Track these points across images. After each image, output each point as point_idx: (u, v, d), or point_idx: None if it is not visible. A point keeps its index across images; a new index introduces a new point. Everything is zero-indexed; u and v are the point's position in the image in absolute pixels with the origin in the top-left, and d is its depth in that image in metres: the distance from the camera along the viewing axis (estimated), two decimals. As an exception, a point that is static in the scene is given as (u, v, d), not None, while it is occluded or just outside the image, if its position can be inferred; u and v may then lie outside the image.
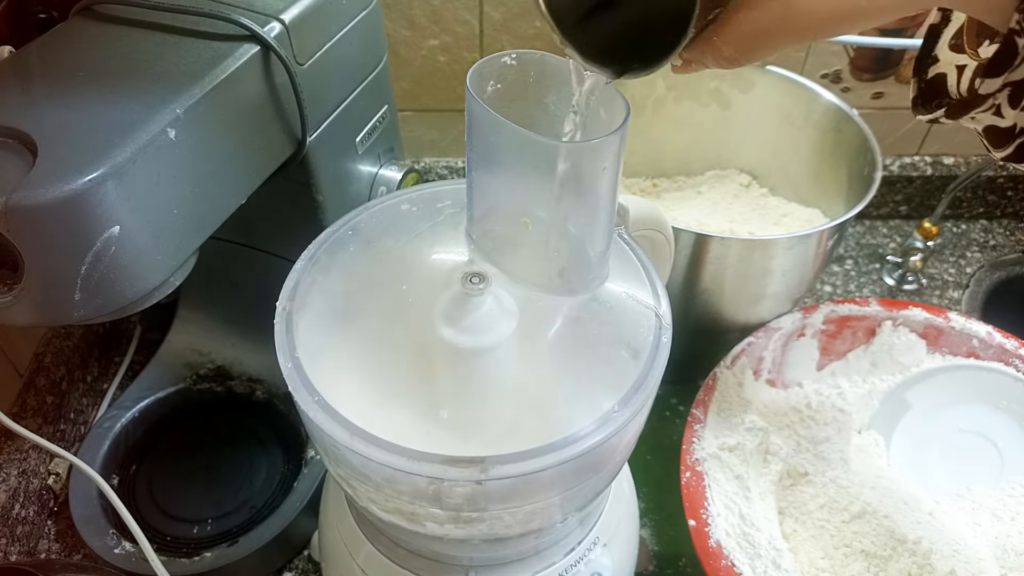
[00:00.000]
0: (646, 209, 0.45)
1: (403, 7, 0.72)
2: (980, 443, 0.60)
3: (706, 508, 0.54)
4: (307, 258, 0.40)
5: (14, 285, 0.38)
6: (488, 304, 0.37)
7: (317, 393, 0.34)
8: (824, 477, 0.58)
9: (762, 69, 0.70)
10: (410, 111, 0.80)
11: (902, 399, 0.63)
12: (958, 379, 0.63)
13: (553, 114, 0.36)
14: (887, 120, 0.84)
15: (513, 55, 0.34)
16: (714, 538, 0.53)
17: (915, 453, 0.60)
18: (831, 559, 0.55)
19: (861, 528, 0.55)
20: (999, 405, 0.61)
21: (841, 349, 0.67)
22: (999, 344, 0.64)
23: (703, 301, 0.62)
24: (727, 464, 0.58)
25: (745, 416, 0.61)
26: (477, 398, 0.37)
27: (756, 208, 0.73)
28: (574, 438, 0.33)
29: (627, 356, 0.36)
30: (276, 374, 0.35)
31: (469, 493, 0.34)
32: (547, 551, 0.44)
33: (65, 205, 0.35)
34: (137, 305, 0.41)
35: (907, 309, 0.66)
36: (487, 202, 0.37)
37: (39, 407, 0.64)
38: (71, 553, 0.60)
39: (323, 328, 0.38)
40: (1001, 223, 0.92)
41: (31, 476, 0.61)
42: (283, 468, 0.62)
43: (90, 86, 0.40)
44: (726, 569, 0.51)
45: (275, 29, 0.45)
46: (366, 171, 0.59)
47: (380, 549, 0.45)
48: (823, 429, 0.62)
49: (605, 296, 0.39)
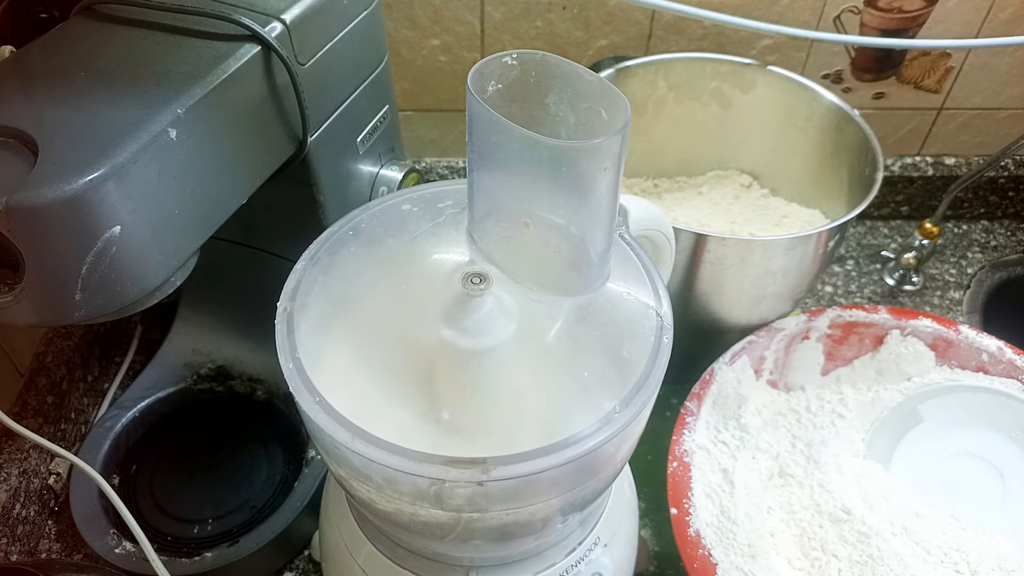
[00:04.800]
0: (647, 209, 0.45)
1: (404, 7, 0.72)
2: (985, 470, 0.58)
3: (688, 498, 0.54)
4: (308, 258, 0.40)
5: (15, 285, 0.38)
6: (489, 305, 0.37)
7: (318, 393, 0.33)
8: (812, 479, 0.58)
9: (763, 69, 0.70)
10: (411, 111, 0.80)
11: (914, 411, 0.61)
12: (975, 401, 0.61)
13: (554, 114, 0.36)
14: (888, 120, 0.84)
15: (514, 55, 0.34)
16: (694, 527, 0.53)
17: (916, 467, 0.59)
18: (808, 559, 0.55)
19: (841, 533, 0.55)
20: (1012, 435, 0.59)
21: (847, 355, 0.66)
22: (1009, 360, 0.63)
23: (703, 301, 0.62)
24: (714, 456, 0.58)
25: (740, 412, 0.61)
26: (478, 399, 0.37)
27: (757, 209, 0.73)
28: (575, 439, 0.33)
29: (628, 356, 0.36)
30: (277, 374, 0.35)
31: (470, 494, 0.34)
32: (548, 551, 0.44)
33: (66, 205, 0.35)
34: (138, 305, 0.41)
35: (917, 319, 0.65)
36: (488, 202, 0.37)
37: (40, 407, 0.64)
38: (72, 553, 0.60)
39: (324, 328, 0.37)
40: (1002, 224, 0.92)
41: (32, 476, 0.61)
42: (284, 468, 0.62)
43: (91, 86, 0.40)
44: (702, 558, 0.52)
45: (276, 29, 0.45)
46: (367, 171, 0.59)
47: (380, 549, 0.45)
48: (819, 432, 0.62)
49: (606, 296, 0.39)
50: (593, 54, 0.77)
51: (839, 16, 0.75)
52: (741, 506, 0.56)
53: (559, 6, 0.73)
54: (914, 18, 0.76)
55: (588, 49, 0.77)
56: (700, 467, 0.57)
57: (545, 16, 0.74)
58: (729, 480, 0.58)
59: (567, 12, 0.74)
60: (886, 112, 0.83)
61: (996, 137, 0.86)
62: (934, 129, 0.86)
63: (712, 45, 0.76)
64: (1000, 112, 0.84)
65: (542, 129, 0.35)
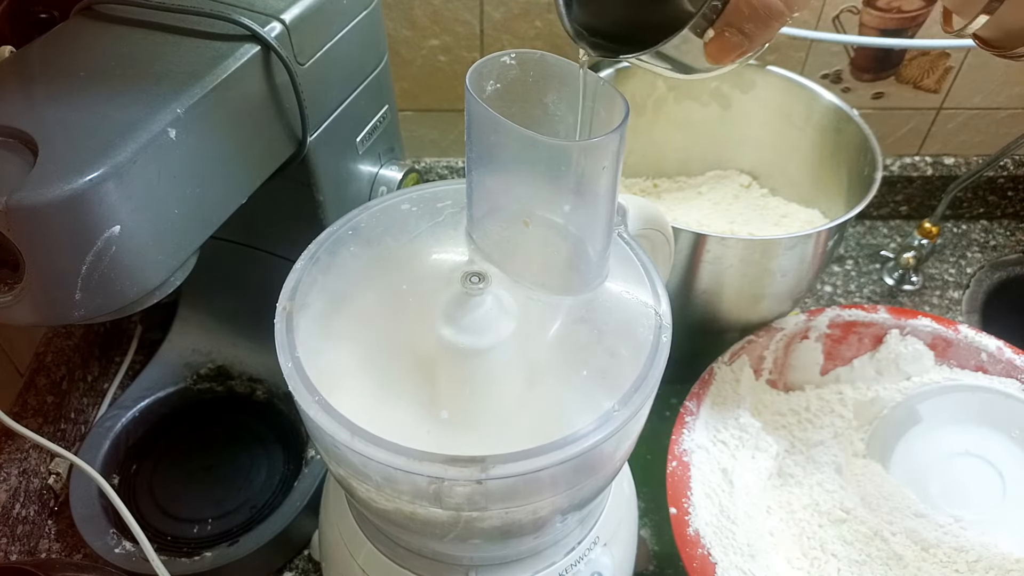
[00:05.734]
0: (646, 209, 0.45)
1: (404, 7, 0.73)
2: (984, 470, 0.58)
3: (688, 497, 0.54)
4: (307, 258, 0.40)
5: (15, 285, 0.38)
6: (488, 304, 0.37)
7: (317, 393, 0.34)
8: (812, 479, 0.58)
9: (763, 69, 0.70)
10: (411, 111, 0.80)
11: (913, 410, 0.61)
12: (974, 400, 0.61)
13: (553, 114, 0.36)
14: (887, 120, 0.84)
15: (513, 55, 0.35)
16: (693, 527, 0.53)
17: (915, 467, 0.59)
18: (807, 558, 0.55)
19: (840, 532, 0.55)
20: (1012, 434, 0.59)
21: (847, 355, 0.66)
22: (1008, 359, 0.63)
23: (703, 301, 0.62)
24: (714, 456, 0.59)
25: (739, 412, 0.61)
26: (477, 397, 0.37)
27: (756, 208, 0.73)
28: (574, 437, 0.33)
29: (627, 355, 0.36)
30: (276, 374, 0.35)
31: (469, 492, 0.34)
32: (547, 551, 0.44)
33: (66, 205, 0.35)
34: (138, 305, 0.41)
35: (916, 318, 0.65)
36: (487, 202, 0.37)
37: (40, 407, 0.64)
38: (72, 553, 0.60)
39: (323, 328, 0.38)
40: (1001, 223, 0.92)
41: (32, 476, 0.61)
42: (283, 468, 0.62)
43: (91, 86, 0.41)
44: (702, 558, 0.52)
45: (276, 29, 0.46)
46: (366, 171, 0.59)
47: (380, 549, 0.45)
48: (819, 432, 0.62)
49: (605, 295, 0.39)
50: (593, 54, 0.77)
51: (838, 16, 0.75)
52: (740, 505, 0.56)
53: (558, 6, 0.73)
54: (913, 18, 0.76)
55: (587, 49, 0.77)
56: (699, 467, 0.57)
57: (545, 16, 0.74)
58: (728, 480, 0.58)
59: (566, 12, 0.74)
60: (885, 112, 0.84)
61: (995, 137, 0.86)
62: (933, 129, 0.86)
63: (711, 45, 0.76)
64: (999, 112, 0.84)
65: (541, 129, 0.35)
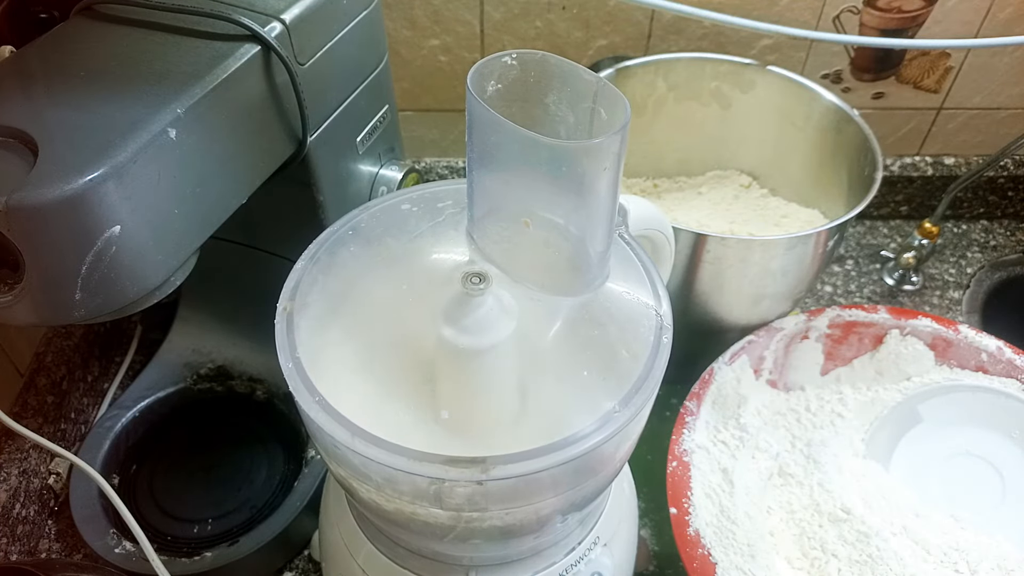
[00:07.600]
0: (646, 209, 0.45)
1: (404, 7, 0.73)
2: (985, 470, 0.58)
3: (688, 497, 0.54)
4: (308, 258, 0.40)
5: (15, 285, 0.38)
6: (489, 304, 0.37)
7: (318, 393, 0.34)
8: (812, 480, 0.58)
9: (763, 69, 0.70)
10: (411, 111, 0.80)
11: (914, 410, 0.61)
12: (974, 400, 0.60)
13: (554, 114, 0.36)
14: (888, 120, 0.84)
15: (513, 55, 0.34)
16: (693, 527, 0.53)
17: (916, 467, 0.59)
18: (808, 558, 0.55)
19: (840, 532, 0.55)
20: (1012, 434, 0.59)
21: (847, 355, 0.66)
22: (1008, 359, 0.63)
23: (703, 301, 0.62)
24: (714, 456, 0.58)
25: (740, 412, 0.61)
26: (478, 398, 0.37)
27: (756, 209, 0.73)
28: (575, 438, 0.33)
29: (628, 356, 0.36)
30: (276, 374, 0.35)
31: (470, 493, 0.34)
32: (547, 551, 0.44)
33: (66, 205, 0.35)
34: (138, 305, 0.41)
35: (916, 319, 0.65)
36: (488, 202, 0.37)
37: (40, 407, 0.64)
38: (72, 553, 0.60)
39: (324, 328, 0.38)
40: (1002, 223, 0.92)
41: (32, 476, 0.61)
42: (283, 468, 0.62)
43: (91, 86, 0.41)
44: (702, 558, 0.52)
45: (276, 29, 0.45)
46: (367, 171, 0.59)
47: (380, 549, 0.45)
48: (819, 432, 0.62)
49: (606, 296, 0.39)
50: (593, 54, 0.77)
51: (838, 16, 0.75)
52: (741, 506, 0.56)
53: (559, 6, 0.74)
54: (913, 18, 0.76)
55: (588, 49, 0.77)
56: (700, 467, 0.57)
57: (545, 16, 0.74)
58: (729, 480, 0.58)
59: (567, 12, 0.74)
60: (885, 112, 0.84)
61: (995, 137, 0.86)
62: (933, 129, 0.86)
63: (712, 45, 0.77)
64: (999, 112, 0.84)
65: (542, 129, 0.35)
